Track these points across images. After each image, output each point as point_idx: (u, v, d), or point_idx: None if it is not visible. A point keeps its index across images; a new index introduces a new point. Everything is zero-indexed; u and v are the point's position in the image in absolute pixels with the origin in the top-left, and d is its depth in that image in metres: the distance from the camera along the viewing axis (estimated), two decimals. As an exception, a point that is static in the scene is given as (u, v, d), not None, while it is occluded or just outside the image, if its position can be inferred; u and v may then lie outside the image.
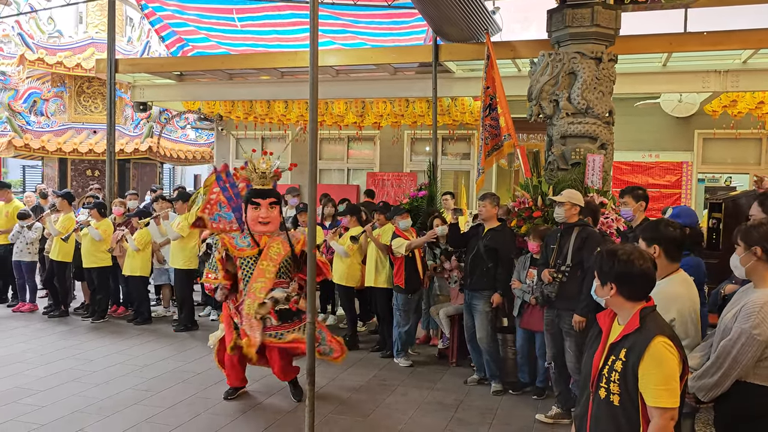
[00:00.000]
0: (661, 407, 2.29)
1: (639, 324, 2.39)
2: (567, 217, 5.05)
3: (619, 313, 2.51)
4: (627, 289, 2.45)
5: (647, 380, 2.31)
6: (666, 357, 2.31)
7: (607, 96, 6.44)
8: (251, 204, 5.38)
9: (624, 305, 2.47)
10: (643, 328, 2.38)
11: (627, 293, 2.45)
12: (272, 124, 12.10)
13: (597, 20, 6.27)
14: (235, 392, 5.54)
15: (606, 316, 2.58)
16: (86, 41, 14.30)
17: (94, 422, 4.85)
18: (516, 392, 5.77)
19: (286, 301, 5.16)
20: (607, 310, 2.60)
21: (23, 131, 13.70)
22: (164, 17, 10.92)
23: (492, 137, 7.38)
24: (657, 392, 2.30)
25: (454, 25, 7.87)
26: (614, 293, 2.46)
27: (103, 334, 7.63)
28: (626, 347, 2.38)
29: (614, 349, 2.43)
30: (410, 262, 6.53)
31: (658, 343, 2.32)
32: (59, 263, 8.49)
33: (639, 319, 2.40)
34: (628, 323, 2.43)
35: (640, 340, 2.35)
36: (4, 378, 5.84)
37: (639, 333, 2.37)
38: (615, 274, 2.45)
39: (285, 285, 5.30)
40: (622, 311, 2.49)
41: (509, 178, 11.45)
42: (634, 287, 2.45)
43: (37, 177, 17.29)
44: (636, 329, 2.39)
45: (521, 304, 5.66)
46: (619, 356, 2.40)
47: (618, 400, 2.39)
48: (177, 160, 15.55)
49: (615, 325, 2.53)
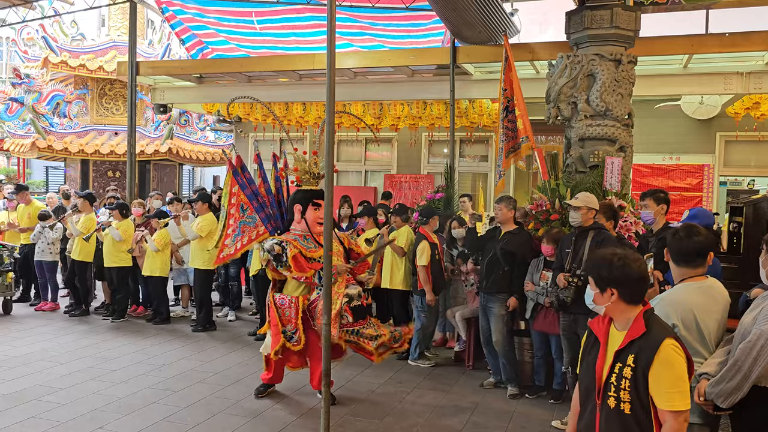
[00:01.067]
0: (675, 410, 2.27)
1: (645, 328, 2.36)
2: (583, 220, 5.02)
3: (618, 319, 2.48)
4: (627, 293, 2.42)
5: (659, 384, 2.29)
6: (676, 359, 2.30)
7: (626, 98, 6.39)
8: (312, 205, 5.37)
9: (625, 310, 2.44)
10: (650, 332, 2.36)
11: (627, 297, 2.42)
12: (290, 126, 12.16)
13: (616, 22, 6.22)
14: (266, 390, 5.59)
15: (600, 323, 2.55)
16: (108, 44, 14.50)
17: (114, 420, 4.91)
18: (532, 396, 5.74)
19: (359, 297, 5.22)
20: (599, 316, 2.56)
21: (47, 133, 13.92)
22: (184, 20, 11.04)
23: (509, 139, 7.36)
24: (670, 395, 2.28)
25: (471, 27, 7.86)
26: (616, 299, 2.42)
27: (122, 334, 7.73)
28: (633, 353, 2.35)
29: (620, 356, 2.40)
30: (436, 263, 6.56)
31: (667, 345, 2.30)
32: (80, 263, 8.61)
33: (644, 322, 2.38)
34: (631, 328, 2.40)
35: (648, 344, 2.33)
36: (27, 376, 5.94)
37: (646, 337, 2.35)
38: (614, 279, 2.41)
39: (352, 282, 5.37)
40: (623, 316, 2.45)
41: (527, 180, 11.40)
42: (634, 290, 2.42)
43: (60, 178, 17.55)
44: (643, 333, 2.36)
45: (534, 306, 5.64)
46: (626, 363, 2.36)
47: (629, 408, 2.35)
48: (196, 162, 15.69)
49: (613, 332, 2.49)
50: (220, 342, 7.44)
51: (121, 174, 14.54)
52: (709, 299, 3.03)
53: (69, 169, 15.33)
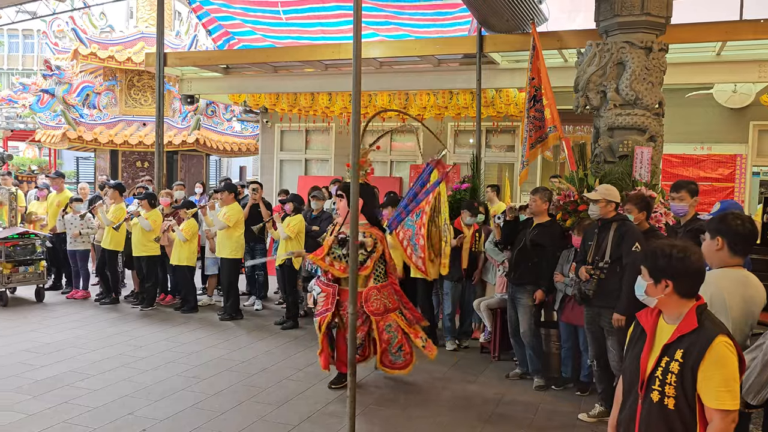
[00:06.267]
0: (724, 409, 2.21)
1: (697, 323, 2.30)
2: (602, 214, 4.94)
3: (668, 312, 2.42)
4: (684, 286, 2.35)
5: (708, 382, 2.23)
6: (728, 357, 2.23)
7: (656, 87, 6.27)
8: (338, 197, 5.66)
9: (678, 303, 2.37)
10: (702, 328, 2.29)
11: (683, 290, 2.36)
12: (316, 116, 12.18)
13: (647, 8, 6.10)
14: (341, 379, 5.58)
15: (648, 315, 2.49)
16: (136, 36, 14.64)
17: (143, 406, 5.00)
18: (559, 388, 5.71)
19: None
20: (648, 308, 2.50)
21: (77, 124, 14.14)
22: (211, 11, 11.09)
23: (536, 129, 7.27)
24: (719, 394, 2.21)
25: (499, 16, 7.77)
26: (670, 291, 2.36)
27: (151, 322, 7.85)
28: (683, 348, 2.30)
29: (668, 350, 2.34)
30: (455, 250, 6.65)
31: (719, 343, 2.24)
32: (110, 252, 8.76)
33: (696, 317, 2.32)
34: (682, 322, 2.34)
35: (700, 340, 2.27)
36: (61, 362, 6.07)
37: (698, 333, 2.29)
38: (672, 270, 2.34)
39: None
40: (674, 309, 2.39)
41: (554, 170, 11.27)
42: (691, 284, 2.36)
43: (90, 168, 17.85)
44: (695, 329, 2.30)
45: (563, 297, 5.59)
46: (674, 357, 2.31)
47: (673, 403, 2.30)
48: (223, 152, 15.81)
49: (662, 324, 2.44)
50: (247, 331, 7.52)
51: (149, 164, 14.72)
52: (741, 287, 2.97)
53: (99, 159, 15.57)
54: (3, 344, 6.61)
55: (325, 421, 4.83)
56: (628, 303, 4.42)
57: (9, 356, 6.20)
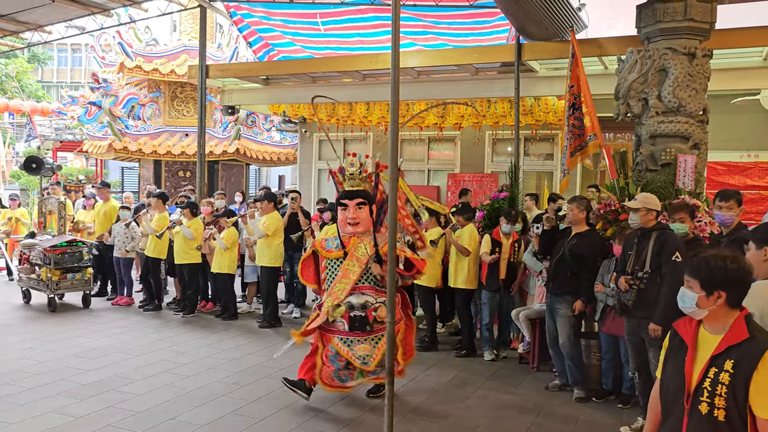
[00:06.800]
0: None
1: (748, 333, 2.27)
2: (643, 223, 4.85)
3: (713, 322, 2.37)
4: (736, 296, 2.32)
5: (762, 392, 2.18)
6: None
7: (700, 93, 6.15)
8: (340, 206, 5.40)
9: (726, 314, 2.34)
10: (753, 338, 2.26)
11: (734, 301, 2.33)
12: (354, 126, 12.27)
13: (690, 14, 5.99)
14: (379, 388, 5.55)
15: (687, 325, 2.45)
16: (179, 48, 15.00)
17: (185, 411, 5.10)
18: (599, 400, 5.60)
19: (363, 308, 5.13)
20: (686, 318, 2.46)
21: (122, 135, 14.54)
22: (252, 23, 11.30)
23: (575, 137, 7.20)
24: None
25: (537, 24, 7.73)
26: (722, 302, 2.32)
27: (193, 328, 8.00)
28: (733, 358, 2.25)
29: (716, 360, 2.30)
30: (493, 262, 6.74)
31: None
32: (154, 259, 8.97)
33: (746, 327, 2.28)
34: (729, 332, 2.30)
35: (752, 351, 2.22)
36: (106, 366, 6.24)
37: (749, 343, 2.25)
38: (727, 282, 2.31)
39: (370, 292, 5.23)
40: (720, 320, 2.35)
41: (594, 179, 11.11)
42: (742, 294, 2.33)
43: (134, 178, 18.30)
44: (745, 339, 2.26)
45: (603, 308, 5.50)
46: (723, 368, 2.26)
47: (723, 414, 2.25)
48: (262, 162, 16.04)
49: (704, 334, 2.39)
50: (286, 338, 7.55)
51: (191, 174, 15.03)
52: None
53: (143, 169, 15.97)
54: (52, 348, 6.83)
55: (363, 430, 4.84)
56: (665, 313, 4.35)
57: (57, 360, 6.39)
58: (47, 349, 6.79)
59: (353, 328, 5.15)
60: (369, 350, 5.13)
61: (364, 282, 5.23)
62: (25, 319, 8.30)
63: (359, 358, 5.14)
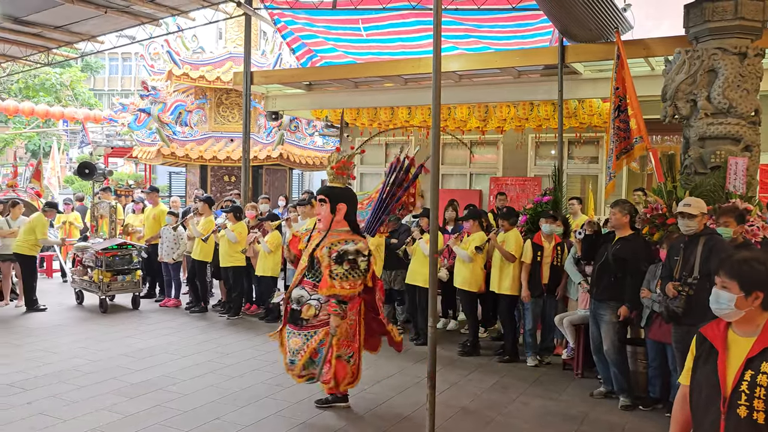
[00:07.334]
0: None
1: None
2: (701, 228, 4.73)
3: (745, 325, 2.34)
4: None
5: None
6: None
7: (752, 94, 5.98)
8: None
9: (759, 316, 2.32)
10: None
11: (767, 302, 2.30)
12: (396, 130, 12.30)
13: (741, 13, 5.84)
14: None
15: (715, 329, 2.42)
16: (225, 56, 15.33)
17: (230, 412, 5.19)
18: (646, 408, 5.48)
19: (297, 302, 5.14)
20: (713, 322, 2.43)
21: (170, 141, 14.92)
22: (295, 30, 11.46)
23: (621, 140, 7.07)
24: None
25: (581, 25, 7.63)
26: (758, 303, 2.30)
27: (237, 330, 8.14)
28: None
29: (751, 363, 2.26)
30: (536, 264, 6.71)
31: None
32: (200, 262, 9.17)
33: None
34: (763, 334, 2.27)
35: None
36: (155, 366, 6.41)
37: None
38: (766, 282, 2.29)
39: (308, 287, 5.16)
40: (753, 322, 2.33)
41: (641, 182, 10.87)
42: None
43: (181, 182, 18.75)
44: None
45: (650, 314, 5.38)
46: (760, 370, 2.23)
47: (764, 417, 2.21)
48: (305, 166, 16.23)
49: (733, 337, 2.36)
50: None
51: (236, 178, 15.31)
52: None
53: (189, 174, 16.34)
54: (103, 348, 7.05)
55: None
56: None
57: (108, 360, 6.60)
58: (99, 349, 7.01)
59: (290, 320, 5.23)
60: (300, 344, 5.12)
61: (308, 277, 5.23)
62: (78, 320, 8.59)
63: (290, 353, 5.16)
